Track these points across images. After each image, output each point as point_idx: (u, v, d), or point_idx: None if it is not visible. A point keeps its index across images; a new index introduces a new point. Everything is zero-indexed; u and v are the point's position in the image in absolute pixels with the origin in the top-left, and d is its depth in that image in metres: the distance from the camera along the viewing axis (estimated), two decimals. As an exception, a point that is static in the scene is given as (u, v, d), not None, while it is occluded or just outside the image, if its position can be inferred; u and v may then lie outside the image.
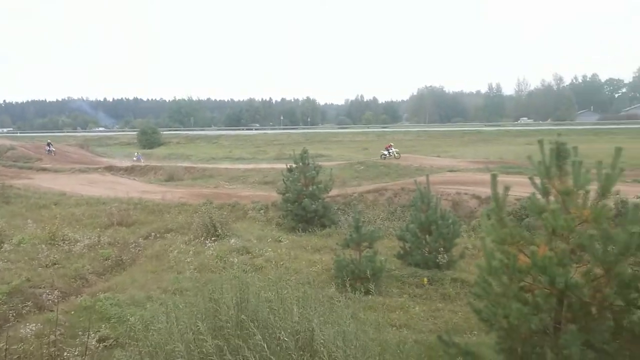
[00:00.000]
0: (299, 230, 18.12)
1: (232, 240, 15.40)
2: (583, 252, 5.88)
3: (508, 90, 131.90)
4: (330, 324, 6.32)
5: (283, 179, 19.28)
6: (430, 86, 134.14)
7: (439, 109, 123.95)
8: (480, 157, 37.51)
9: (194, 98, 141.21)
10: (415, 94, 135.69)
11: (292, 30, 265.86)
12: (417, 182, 14.24)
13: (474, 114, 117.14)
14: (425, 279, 11.95)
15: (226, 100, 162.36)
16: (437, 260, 12.62)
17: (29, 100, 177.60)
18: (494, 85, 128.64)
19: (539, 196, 6.33)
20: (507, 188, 5.85)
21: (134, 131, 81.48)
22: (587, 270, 5.78)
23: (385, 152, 38.43)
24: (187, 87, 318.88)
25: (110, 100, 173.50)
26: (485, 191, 16.55)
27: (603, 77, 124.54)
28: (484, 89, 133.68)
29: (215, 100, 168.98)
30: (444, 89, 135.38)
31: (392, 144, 40.17)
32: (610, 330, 5.64)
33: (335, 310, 6.84)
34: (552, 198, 6.18)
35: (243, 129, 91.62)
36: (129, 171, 38.36)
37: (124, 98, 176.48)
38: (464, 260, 13.08)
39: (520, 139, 53.66)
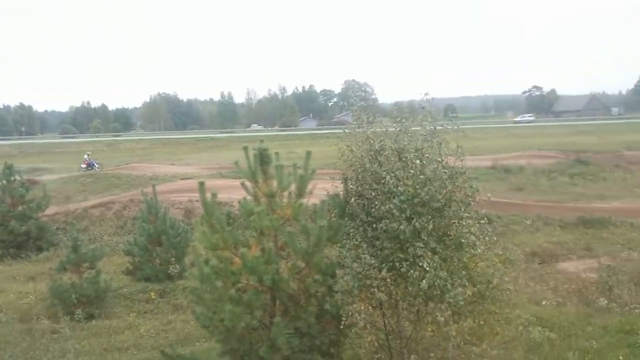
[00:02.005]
0: (8, 258, 15.58)
1: None
2: (289, 249, 6.45)
3: (239, 98, 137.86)
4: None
5: (-20, 201, 16.28)
6: (164, 93, 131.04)
7: (174, 115, 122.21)
8: (214, 163, 38.06)
9: None
10: (148, 100, 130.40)
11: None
12: (144, 193, 13.65)
13: (209, 121, 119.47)
14: (153, 293, 11.54)
15: None
16: (169, 272, 12.32)
17: None
18: (226, 94, 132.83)
19: (250, 199, 6.70)
20: (214, 195, 6.00)
21: None
22: (292, 264, 6.35)
23: None
24: None
25: None
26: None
27: (318, 88, 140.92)
28: (217, 97, 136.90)
29: None
30: (177, 96, 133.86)
31: None
32: (314, 315, 6.30)
33: (41, 348, 6.02)
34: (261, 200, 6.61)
35: None
36: None
37: None
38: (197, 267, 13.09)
39: (251, 145, 56.66)
